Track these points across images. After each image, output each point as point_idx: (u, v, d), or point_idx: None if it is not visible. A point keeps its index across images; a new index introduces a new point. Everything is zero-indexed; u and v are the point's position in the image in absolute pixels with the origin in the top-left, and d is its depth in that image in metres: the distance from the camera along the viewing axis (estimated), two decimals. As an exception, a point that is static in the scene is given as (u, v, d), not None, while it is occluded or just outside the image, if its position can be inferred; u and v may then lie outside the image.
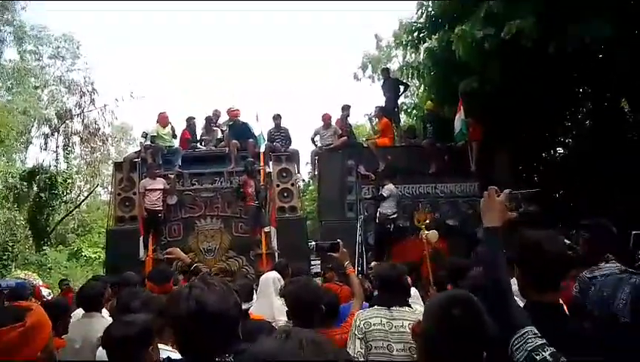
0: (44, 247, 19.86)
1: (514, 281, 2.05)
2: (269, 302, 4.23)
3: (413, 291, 3.97)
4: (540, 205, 6.31)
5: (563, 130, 13.12)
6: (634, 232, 2.89)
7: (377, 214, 9.25)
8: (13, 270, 17.71)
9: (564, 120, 12.88)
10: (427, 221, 8.18)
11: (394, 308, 2.93)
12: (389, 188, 9.15)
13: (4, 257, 18.92)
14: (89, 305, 3.67)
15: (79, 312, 3.92)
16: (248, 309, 3.52)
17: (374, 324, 2.86)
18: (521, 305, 1.93)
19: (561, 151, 13.82)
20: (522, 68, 8.85)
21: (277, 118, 10.88)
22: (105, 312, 3.87)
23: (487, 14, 8.27)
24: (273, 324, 4.06)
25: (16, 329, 1.42)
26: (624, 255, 3.51)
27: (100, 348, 2.40)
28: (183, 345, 1.38)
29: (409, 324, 2.73)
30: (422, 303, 3.57)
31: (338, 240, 3.71)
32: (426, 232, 7.22)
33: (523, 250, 2.08)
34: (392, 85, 11.76)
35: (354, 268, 8.67)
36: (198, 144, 10.91)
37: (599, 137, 11.26)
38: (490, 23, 8.25)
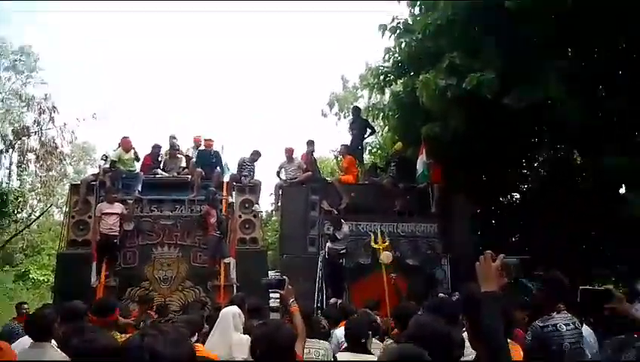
0: (-11, 267, 18.85)
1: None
2: (226, 338, 4.14)
3: (340, 332, 4.38)
4: (528, 272, 6.47)
5: (519, 176, 13.66)
6: (581, 287, 3.04)
7: (327, 249, 9.31)
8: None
9: (520, 167, 13.45)
10: (386, 243, 8.24)
11: (313, 340, 3.67)
12: (343, 232, 9.25)
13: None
14: (39, 333, 3.49)
15: (26, 340, 3.72)
16: None
17: None
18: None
19: (518, 197, 14.34)
20: (482, 116, 9.27)
21: (256, 154, 10.88)
22: (54, 342, 3.70)
23: (450, 65, 8.69)
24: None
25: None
26: (574, 306, 3.68)
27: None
28: None
29: (315, 351, 3.66)
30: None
31: (284, 277, 3.75)
32: (382, 252, 7.36)
33: (468, 303, 2.15)
34: (360, 125, 12.02)
35: (313, 303, 8.72)
36: (160, 170, 10.74)
37: (553, 185, 11.79)
38: (452, 73, 8.66)
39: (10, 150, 21.82)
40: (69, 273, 9.24)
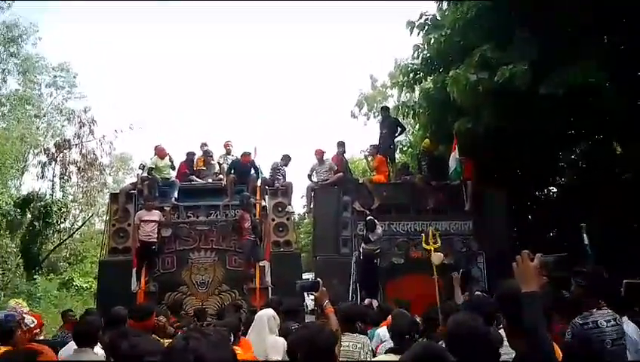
0: (35, 276, 19.59)
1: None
2: (261, 340, 4.22)
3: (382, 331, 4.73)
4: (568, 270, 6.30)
5: (557, 169, 13.29)
6: (625, 281, 2.95)
7: (361, 250, 9.27)
8: (2, 298, 17.42)
9: (557, 160, 13.08)
10: (437, 244, 8.22)
11: (346, 333, 3.85)
12: (377, 233, 9.20)
13: (-6, 286, 18.66)
14: (83, 340, 3.63)
15: (71, 346, 3.86)
16: None
17: None
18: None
19: (555, 191, 13.95)
20: (515, 109, 9.06)
21: (287, 158, 11.05)
22: (97, 348, 3.81)
23: (481, 59, 8.54)
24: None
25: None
26: (615, 302, 3.57)
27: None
28: None
29: (352, 344, 3.85)
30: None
31: (318, 279, 3.80)
32: (433, 253, 7.33)
33: (504, 300, 2.11)
34: (390, 124, 11.95)
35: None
36: (195, 176, 10.97)
37: (591, 177, 11.42)
38: (483, 67, 8.51)
39: (53, 163, 22.72)
40: (111, 279, 9.51)
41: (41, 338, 5.90)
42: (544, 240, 11.50)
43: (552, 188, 13.86)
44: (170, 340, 2.90)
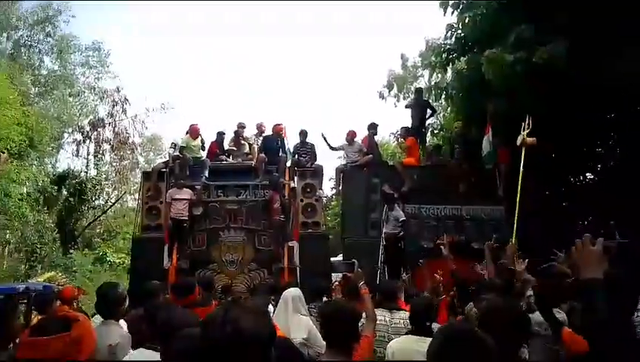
0: (71, 251, 20.27)
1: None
2: (284, 320, 4.21)
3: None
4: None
5: (593, 155, 12.85)
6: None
7: (383, 234, 9.20)
8: (39, 271, 18.13)
9: (594, 146, 12.64)
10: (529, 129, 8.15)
11: (394, 311, 4.13)
12: (394, 215, 9.06)
13: (32, 259, 19.42)
14: (107, 312, 3.69)
15: (98, 319, 3.95)
16: None
17: (379, 321, 3.85)
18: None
19: (591, 177, 13.51)
20: (553, 92, 8.76)
21: (303, 133, 11.00)
22: (122, 322, 3.83)
23: (518, 39, 8.25)
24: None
25: (62, 339, 1.47)
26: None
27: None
28: None
29: (402, 321, 3.99)
30: None
31: (354, 260, 3.81)
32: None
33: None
34: (422, 106, 11.74)
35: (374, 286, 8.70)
36: (225, 156, 11.06)
37: (629, 165, 10.99)
38: (520, 47, 8.22)
39: (88, 141, 23.32)
40: (143, 256, 9.74)
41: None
42: (579, 228, 11.19)
43: (588, 174, 13.42)
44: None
